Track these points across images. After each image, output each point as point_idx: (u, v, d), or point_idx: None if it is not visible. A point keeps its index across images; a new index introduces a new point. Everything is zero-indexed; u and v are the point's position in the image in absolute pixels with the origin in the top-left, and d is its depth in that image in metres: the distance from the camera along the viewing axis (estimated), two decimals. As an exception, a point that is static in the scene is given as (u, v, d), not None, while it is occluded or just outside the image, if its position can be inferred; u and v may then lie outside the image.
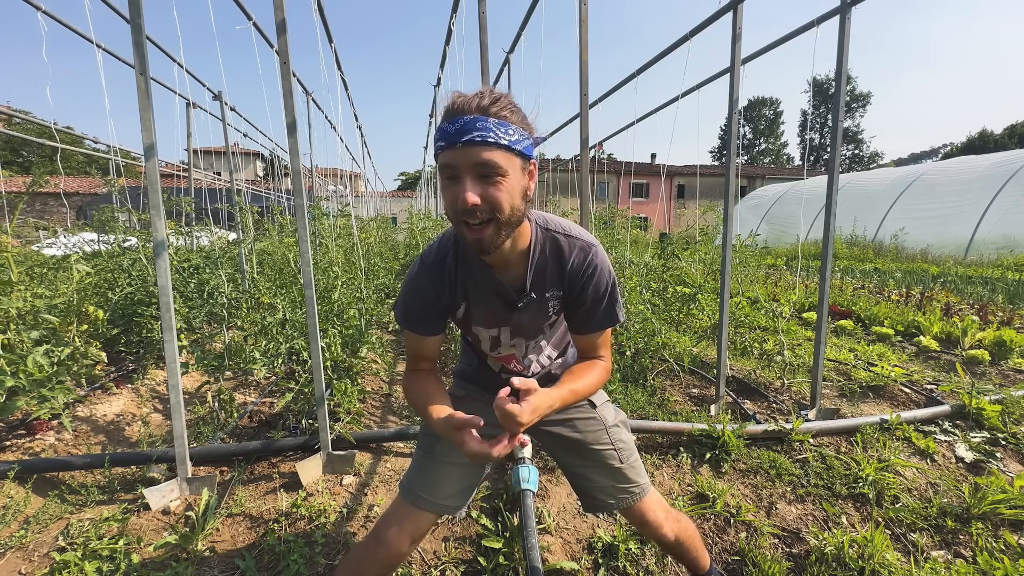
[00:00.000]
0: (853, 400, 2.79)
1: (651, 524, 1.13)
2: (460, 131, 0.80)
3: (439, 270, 1.02)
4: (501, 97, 0.84)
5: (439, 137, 0.83)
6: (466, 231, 0.86)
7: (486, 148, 0.80)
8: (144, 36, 1.63)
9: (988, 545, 1.56)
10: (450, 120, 0.82)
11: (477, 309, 1.05)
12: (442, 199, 0.89)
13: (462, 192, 0.81)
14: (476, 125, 0.79)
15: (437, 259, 1.02)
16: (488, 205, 0.83)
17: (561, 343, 1.19)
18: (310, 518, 1.72)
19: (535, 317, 1.06)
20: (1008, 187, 10.00)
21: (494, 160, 0.80)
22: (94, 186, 18.88)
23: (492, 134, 0.80)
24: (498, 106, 0.82)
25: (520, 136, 0.84)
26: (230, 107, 4.50)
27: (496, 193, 0.82)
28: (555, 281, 1.02)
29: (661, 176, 23.08)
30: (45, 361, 1.78)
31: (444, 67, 4.51)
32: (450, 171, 0.83)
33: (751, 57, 2.75)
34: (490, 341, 1.10)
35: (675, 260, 4.23)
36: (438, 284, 1.02)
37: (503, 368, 1.16)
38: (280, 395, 2.42)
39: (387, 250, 7.58)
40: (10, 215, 2.20)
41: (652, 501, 1.14)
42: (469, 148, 0.80)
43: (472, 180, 0.81)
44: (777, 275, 6.96)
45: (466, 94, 0.84)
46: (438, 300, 1.03)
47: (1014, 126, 44.29)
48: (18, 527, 1.62)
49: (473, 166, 0.81)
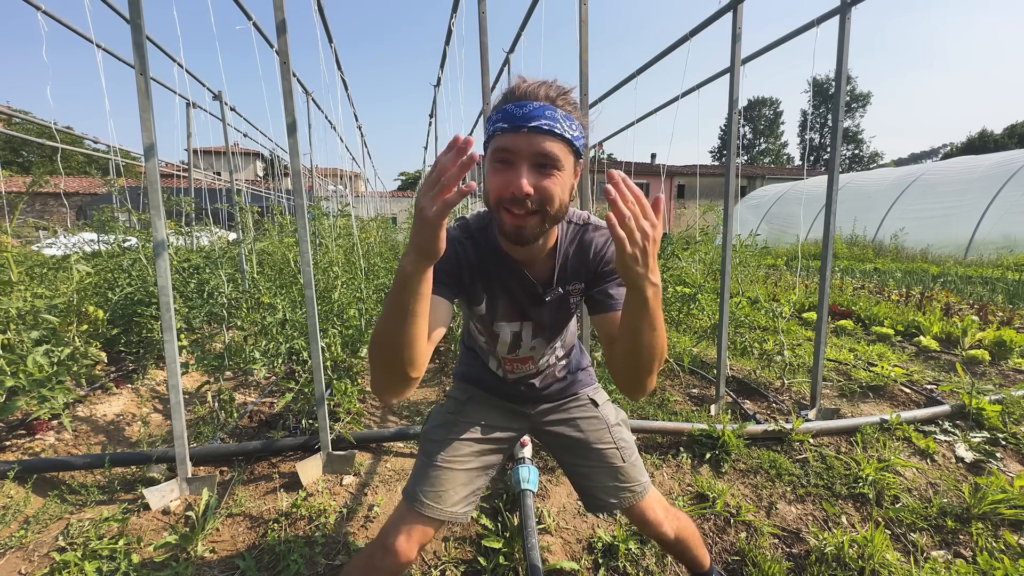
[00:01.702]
0: (853, 400, 2.79)
1: (651, 523, 1.13)
2: (527, 116, 0.77)
3: (463, 245, 0.98)
4: (568, 91, 0.83)
5: (500, 118, 0.80)
6: (506, 218, 0.83)
7: (551, 138, 0.78)
8: (144, 36, 1.63)
9: (988, 545, 1.56)
10: (516, 103, 0.79)
11: (502, 301, 1.03)
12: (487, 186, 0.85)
13: (517, 178, 0.78)
14: (545, 113, 0.78)
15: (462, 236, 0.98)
16: (539, 196, 0.80)
17: (567, 344, 1.19)
18: (310, 518, 1.72)
19: (557, 312, 1.05)
20: (1008, 187, 10.00)
21: (555, 152, 0.79)
22: (94, 186, 18.88)
23: (559, 125, 0.78)
24: (564, 99, 0.81)
25: (580, 133, 0.83)
26: (230, 107, 4.50)
27: (550, 185, 0.80)
28: (576, 273, 1.01)
29: (661, 176, 23.06)
30: (45, 361, 1.78)
31: (444, 67, 4.51)
32: (506, 155, 0.80)
33: (751, 57, 2.75)
34: (511, 339, 1.08)
35: (675, 260, 4.23)
36: (460, 252, 0.98)
37: (510, 371, 1.14)
38: (280, 395, 2.42)
39: (387, 250, 7.58)
40: (10, 215, 2.20)
41: (652, 499, 1.14)
42: (534, 136, 0.78)
43: (529, 168, 0.79)
44: (777, 275, 6.96)
45: (531, 80, 0.82)
46: (457, 262, 0.97)
47: (1014, 126, 44.27)
48: (18, 527, 1.62)
49: (534, 154, 0.79)
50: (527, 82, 0.82)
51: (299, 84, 4.35)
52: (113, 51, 3.20)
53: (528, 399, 1.18)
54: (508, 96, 0.82)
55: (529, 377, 1.15)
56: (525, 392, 1.17)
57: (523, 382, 1.16)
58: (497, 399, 1.19)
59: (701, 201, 22.49)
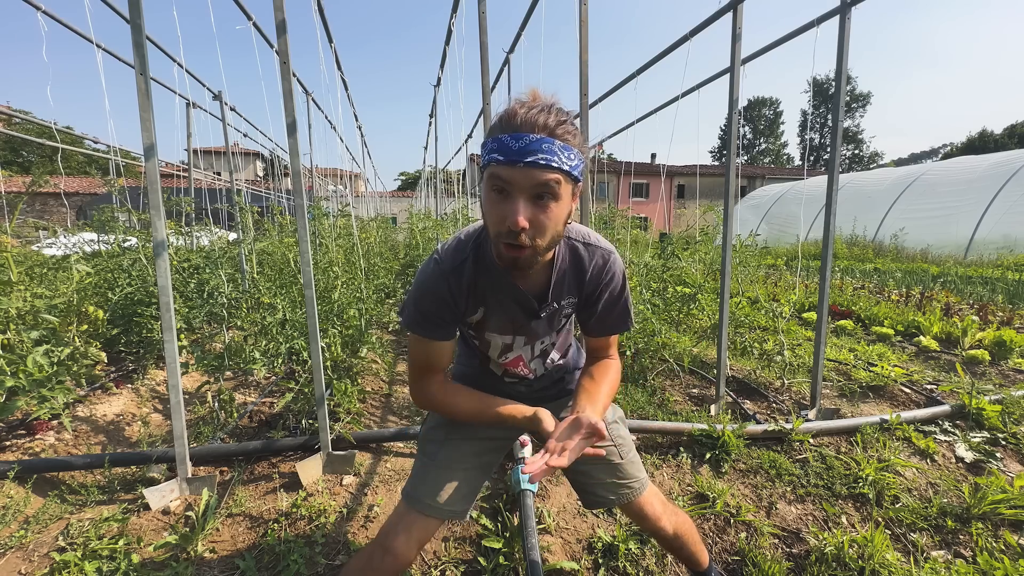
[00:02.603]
0: (853, 400, 2.79)
1: (650, 518, 1.14)
2: (523, 151, 0.76)
3: (457, 276, 0.97)
4: (566, 118, 0.81)
5: (496, 148, 0.79)
6: (504, 249, 0.83)
7: (548, 171, 0.77)
8: (144, 36, 1.63)
9: (988, 545, 1.56)
10: (512, 134, 0.77)
11: (495, 316, 1.04)
12: (484, 209, 0.85)
13: (513, 213, 0.78)
14: (542, 147, 0.76)
15: (455, 264, 0.98)
16: (534, 231, 0.80)
17: (564, 346, 1.19)
18: (310, 518, 1.72)
19: (550, 324, 1.06)
20: (1008, 187, 10.00)
21: (551, 184, 0.78)
22: (94, 186, 18.88)
23: (556, 158, 0.77)
24: (563, 128, 0.79)
25: (579, 161, 0.82)
26: (230, 107, 4.50)
27: (544, 219, 0.80)
28: (572, 289, 1.03)
29: (661, 176, 23.08)
30: (45, 361, 1.78)
31: (444, 67, 4.51)
32: (502, 185, 0.79)
33: (751, 57, 2.75)
34: (501, 347, 1.09)
35: (675, 260, 4.22)
36: (455, 289, 0.98)
37: (506, 372, 1.15)
38: (280, 395, 2.42)
39: (387, 250, 7.59)
40: (10, 215, 2.21)
41: (650, 495, 1.15)
42: (531, 170, 0.76)
43: (525, 202, 0.79)
44: (777, 275, 6.96)
45: (529, 104, 0.80)
46: (454, 304, 0.98)
47: (1014, 126, 44.28)
48: (18, 527, 1.62)
49: (531, 187, 0.78)
50: (524, 107, 0.79)
51: (299, 84, 4.35)
52: (113, 51, 3.20)
53: (526, 398, 1.18)
54: (505, 124, 0.79)
55: (526, 378, 1.16)
56: (524, 392, 1.18)
57: (520, 382, 1.17)
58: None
59: (701, 201, 22.49)
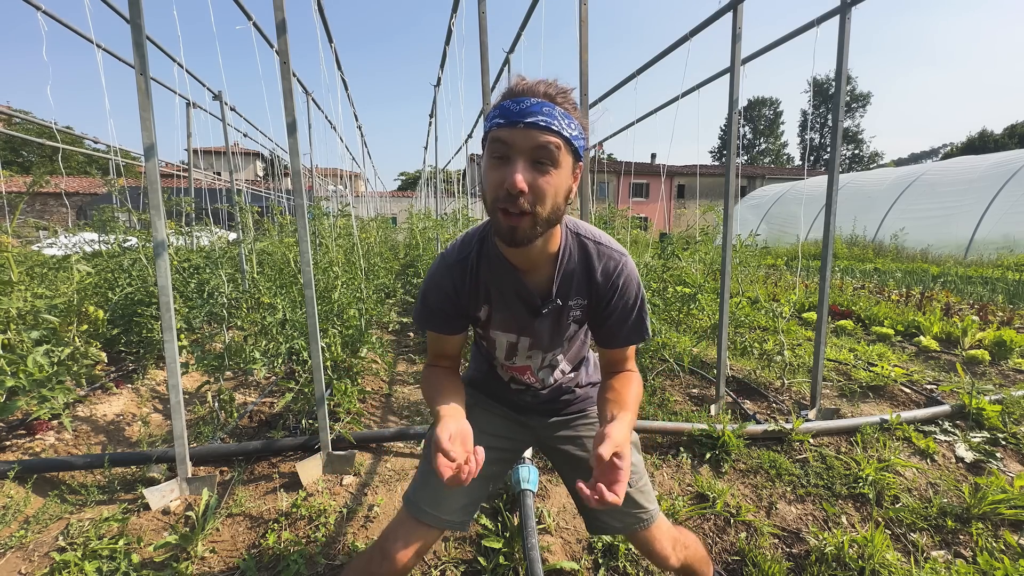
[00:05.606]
0: (853, 400, 2.79)
1: (657, 555, 1.09)
2: (524, 112, 0.76)
3: (461, 268, 0.98)
4: (568, 91, 0.81)
5: (497, 114, 0.79)
6: (501, 217, 0.81)
7: (548, 134, 0.76)
8: (144, 36, 1.63)
9: (988, 545, 1.56)
10: (513, 99, 0.77)
11: (499, 312, 1.02)
12: (483, 178, 0.84)
13: (512, 174, 0.76)
14: (543, 109, 0.76)
15: (460, 257, 0.99)
16: (533, 196, 0.78)
17: (576, 358, 1.15)
18: (310, 518, 1.72)
19: (556, 327, 1.03)
20: (1008, 187, 10.00)
21: (551, 148, 0.77)
22: (94, 186, 18.89)
23: (556, 122, 0.77)
24: (564, 98, 0.79)
25: (579, 133, 0.81)
26: (230, 107, 4.50)
27: (544, 184, 0.78)
28: (580, 289, 0.99)
29: (661, 176, 23.09)
30: (45, 361, 1.78)
31: (444, 67, 4.52)
32: (502, 149, 0.78)
33: (751, 57, 2.75)
34: (507, 348, 1.07)
35: (675, 260, 4.22)
36: (459, 283, 0.98)
37: (513, 378, 1.13)
38: (280, 395, 2.42)
39: (387, 250, 7.59)
40: (10, 215, 2.20)
41: (660, 531, 1.09)
42: (531, 131, 0.76)
43: (525, 164, 0.77)
44: (777, 275, 6.96)
45: (531, 79, 0.81)
46: (459, 299, 0.99)
47: (1014, 126, 44.27)
48: (18, 527, 1.63)
49: (531, 149, 0.77)
50: (526, 80, 0.80)
51: (299, 84, 4.35)
52: (113, 51, 3.20)
53: (533, 410, 1.16)
54: (507, 93, 0.80)
55: (533, 387, 1.13)
56: (530, 403, 1.15)
57: (527, 392, 1.14)
58: (502, 408, 1.18)
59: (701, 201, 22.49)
